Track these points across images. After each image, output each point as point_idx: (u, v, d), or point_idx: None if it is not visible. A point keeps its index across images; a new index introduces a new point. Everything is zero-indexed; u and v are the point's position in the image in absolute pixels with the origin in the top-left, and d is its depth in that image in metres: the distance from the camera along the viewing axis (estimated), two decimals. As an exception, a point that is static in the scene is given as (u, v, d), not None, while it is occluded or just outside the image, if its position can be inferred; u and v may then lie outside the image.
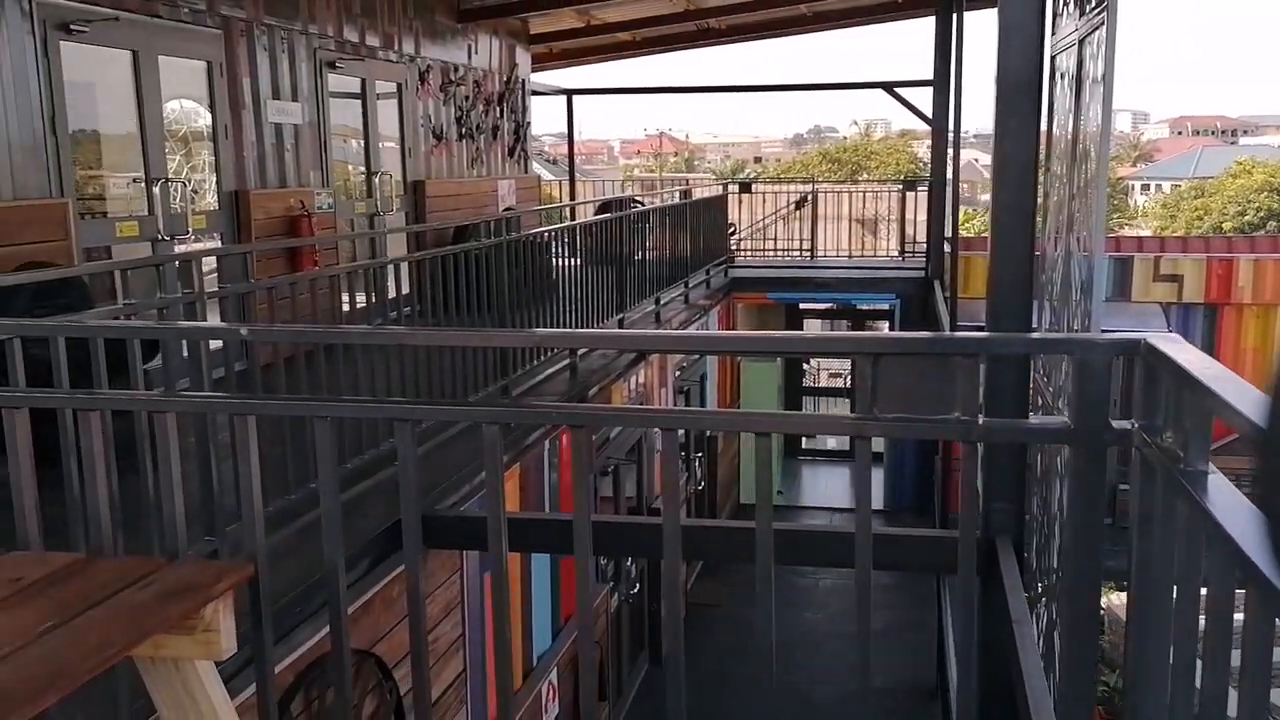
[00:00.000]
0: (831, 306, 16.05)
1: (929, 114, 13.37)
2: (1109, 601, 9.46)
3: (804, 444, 16.42)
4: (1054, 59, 3.77)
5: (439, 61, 9.90)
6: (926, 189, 14.00)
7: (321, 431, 2.31)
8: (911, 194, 14.88)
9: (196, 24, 6.56)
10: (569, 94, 15.22)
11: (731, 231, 14.44)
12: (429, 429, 4.57)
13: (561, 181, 17.48)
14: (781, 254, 15.39)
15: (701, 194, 13.69)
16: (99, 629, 1.99)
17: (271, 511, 3.46)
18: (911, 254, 14.70)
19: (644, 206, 10.34)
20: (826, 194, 15.80)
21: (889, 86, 14.02)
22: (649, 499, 9.06)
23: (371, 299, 4.86)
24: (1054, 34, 3.75)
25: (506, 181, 11.47)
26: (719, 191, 14.40)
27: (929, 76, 13.01)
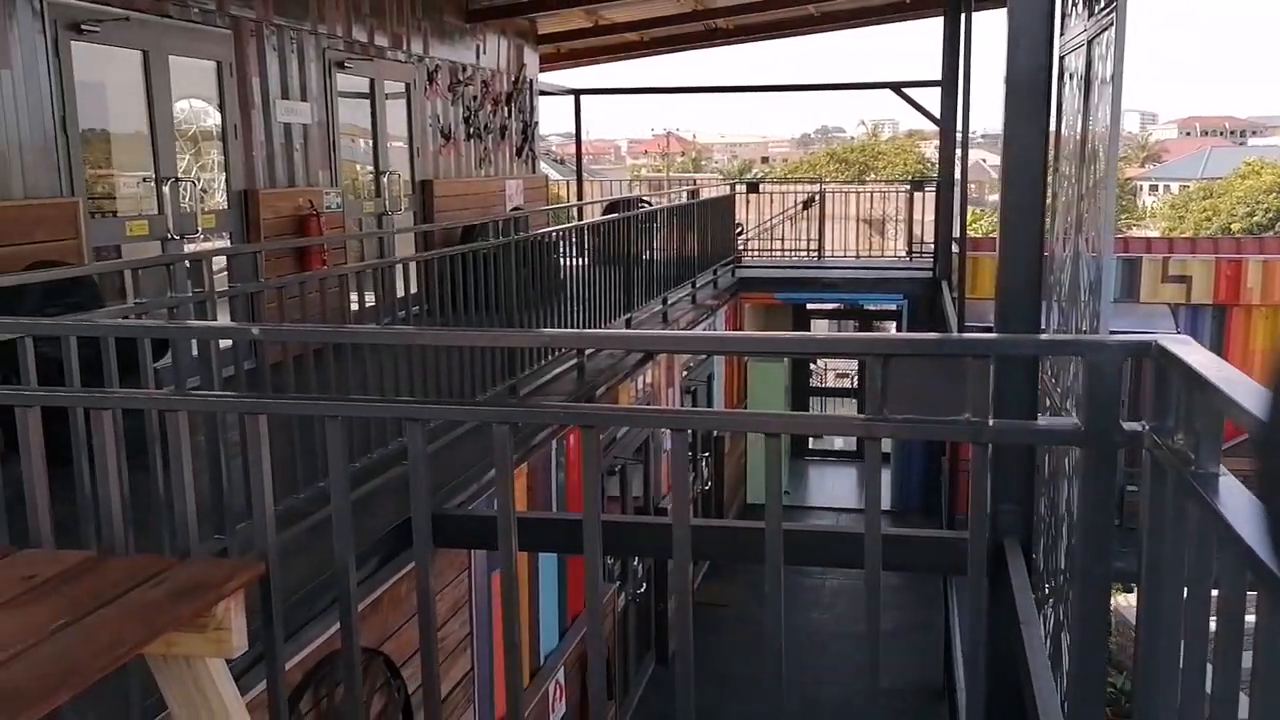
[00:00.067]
0: (839, 307, 16.05)
1: (937, 114, 13.37)
2: (1115, 603, 9.43)
3: (811, 444, 16.41)
4: (1063, 59, 3.76)
5: (447, 61, 9.91)
6: (934, 189, 13.98)
7: (332, 431, 2.32)
8: (919, 194, 14.86)
9: (206, 24, 6.58)
10: (577, 94, 15.23)
11: (739, 232, 14.44)
12: (436, 428, 4.58)
13: (569, 181, 17.49)
14: (789, 254, 15.37)
15: (709, 194, 13.68)
16: (111, 627, 2.00)
17: (280, 510, 3.46)
18: (919, 254, 14.67)
19: (651, 206, 10.34)
20: (834, 194, 15.78)
21: (897, 87, 14.01)
22: (656, 499, 9.07)
23: (380, 298, 4.88)
24: (1063, 34, 3.74)
25: (514, 181, 11.48)
26: (726, 191, 14.40)
27: (937, 77, 12.99)
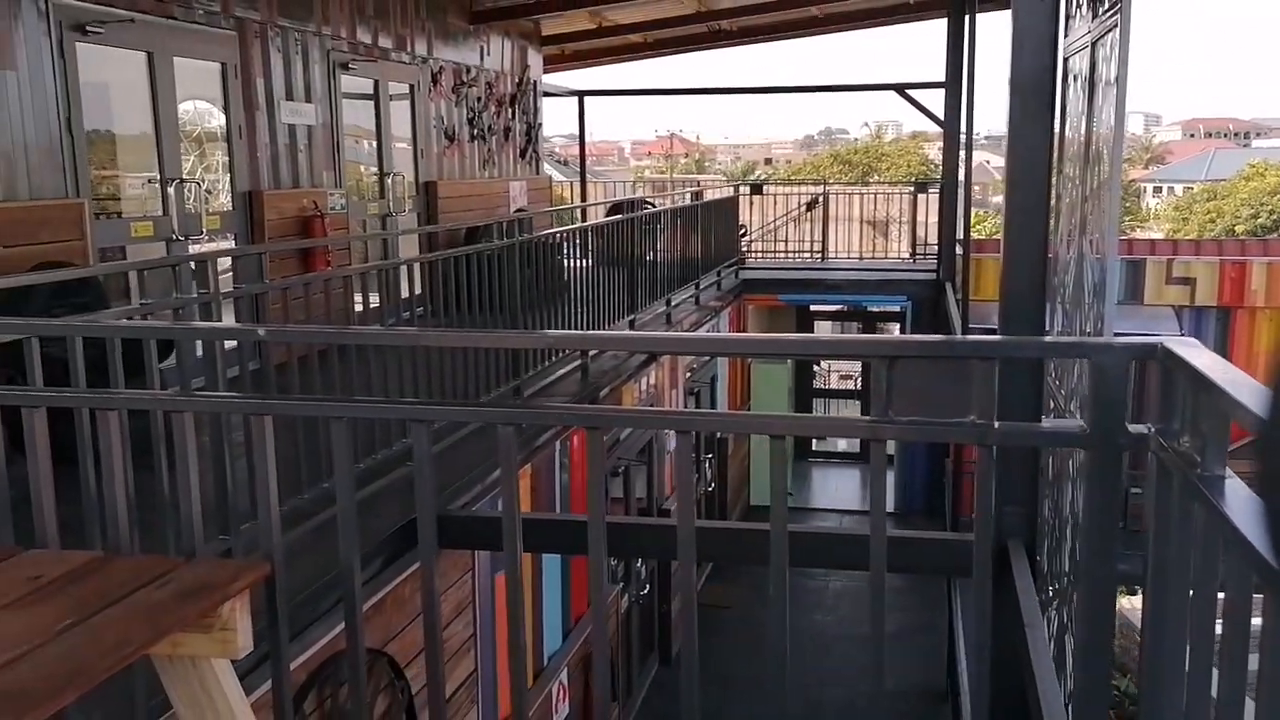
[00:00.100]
0: (842, 308, 16.04)
1: (941, 116, 13.35)
2: (1119, 605, 9.41)
3: (814, 445, 16.40)
4: (1066, 61, 3.76)
5: (451, 63, 9.92)
6: (938, 191, 13.98)
7: (338, 432, 2.32)
8: (923, 196, 14.86)
9: (211, 25, 6.59)
10: (580, 95, 15.24)
11: (742, 233, 14.44)
12: (440, 430, 4.58)
13: (573, 183, 17.49)
14: (792, 256, 15.38)
15: (712, 195, 13.69)
16: (117, 627, 2.00)
17: (285, 511, 3.47)
18: (922, 256, 14.68)
19: (655, 208, 10.34)
20: (838, 196, 15.78)
21: (900, 88, 14.00)
22: (659, 500, 9.07)
23: (384, 300, 4.88)
24: (1067, 36, 3.74)
25: (518, 183, 11.49)
26: (730, 193, 14.40)
27: (941, 79, 12.99)
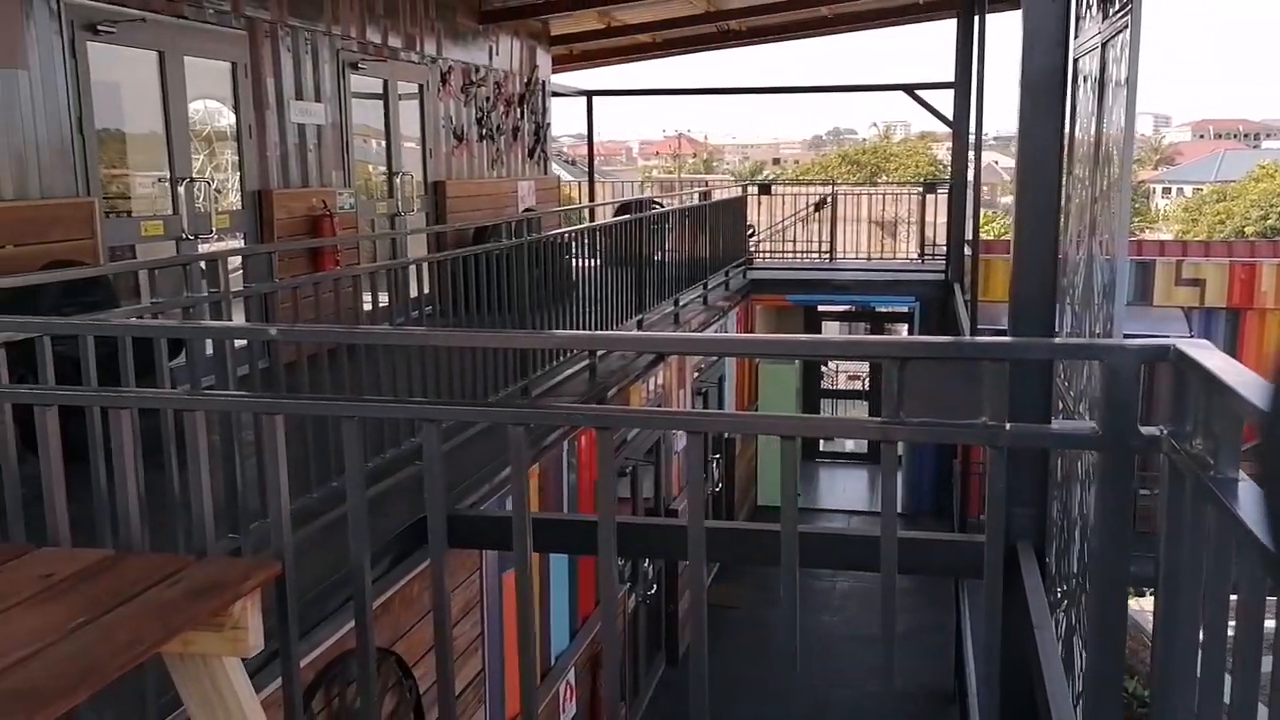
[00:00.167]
0: (850, 309, 16.02)
1: (950, 116, 13.33)
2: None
3: (821, 446, 16.39)
4: (1077, 62, 3.75)
5: (460, 63, 9.93)
6: (946, 191, 13.95)
7: (349, 431, 2.32)
8: (931, 196, 14.84)
9: (221, 25, 6.61)
10: (589, 95, 15.23)
11: (750, 233, 14.43)
12: (446, 429, 4.58)
13: (581, 182, 17.48)
14: (800, 256, 15.36)
15: (720, 195, 13.68)
16: (129, 626, 2.00)
17: (294, 510, 3.48)
18: (931, 257, 14.66)
19: (663, 208, 10.34)
20: (846, 196, 15.76)
21: (909, 89, 13.98)
22: (667, 500, 9.07)
23: (393, 299, 4.89)
24: (1077, 37, 3.73)
25: (526, 182, 11.49)
26: (738, 193, 14.39)
27: (950, 79, 12.97)
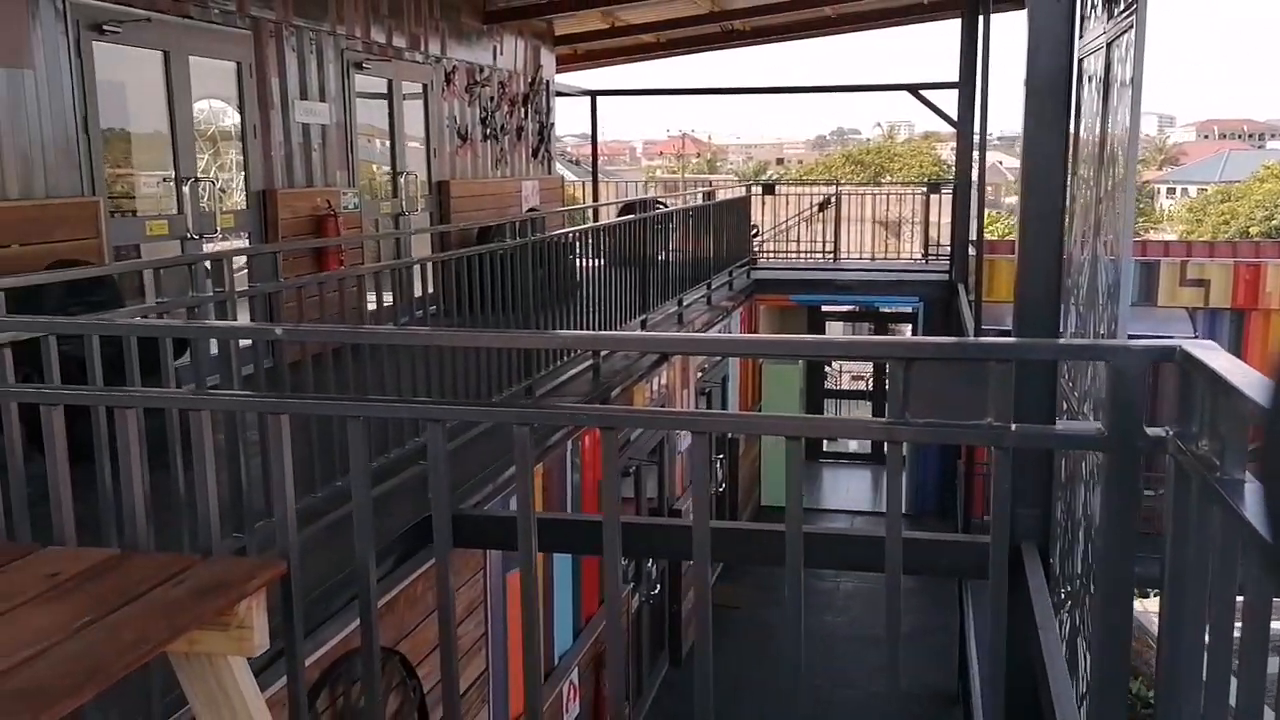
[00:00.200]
0: (854, 309, 16.01)
1: (954, 116, 13.33)
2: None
3: (824, 446, 16.38)
4: (1081, 62, 3.75)
5: (464, 62, 9.94)
6: (950, 192, 13.94)
7: (354, 431, 2.33)
8: (935, 197, 14.82)
9: (226, 25, 6.62)
10: (593, 95, 15.24)
11: (754, 233, 14.42)
12: (453, 429, 4.60)
13: (585, 182, 17.49)
14: (804, 256, 15.35)
15: (724, 195, 13.68)
16: (135, 625, 2.01)
17: (299, 509, 3.48)
18: (935, 257, 14.64)
19: (667, 208, 10.34)
20: (850, 196, 15.75)
21: (914, 89, 13.97)
22: (670, 500, 9.08)
23: (397, 299, 4.90)
24: (1081, 37, 3.73)
25: (530, 182, 11.50)
26: (742, 193, 14.39)
27: (954, 79, 12.96)
